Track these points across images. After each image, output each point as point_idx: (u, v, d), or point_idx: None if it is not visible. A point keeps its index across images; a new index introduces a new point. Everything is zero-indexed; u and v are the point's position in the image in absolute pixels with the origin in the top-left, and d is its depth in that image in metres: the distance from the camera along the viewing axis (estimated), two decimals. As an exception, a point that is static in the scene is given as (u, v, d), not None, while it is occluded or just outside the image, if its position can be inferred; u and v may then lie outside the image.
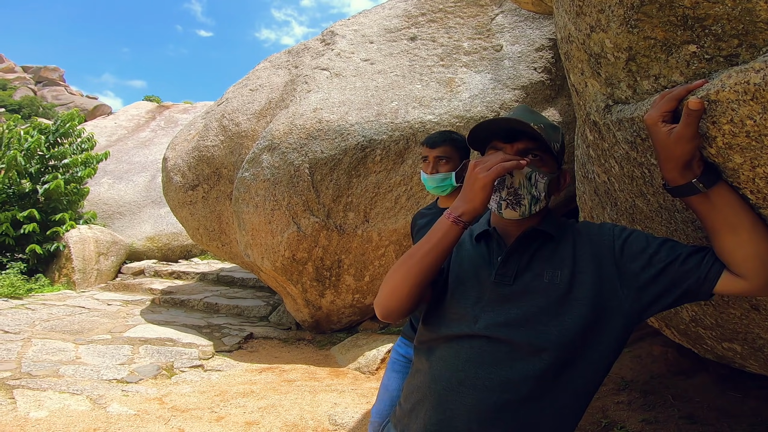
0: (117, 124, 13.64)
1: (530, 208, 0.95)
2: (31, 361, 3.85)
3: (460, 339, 0.93)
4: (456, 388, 0.89)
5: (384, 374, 1.88)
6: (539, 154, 0.96)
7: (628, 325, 0.90)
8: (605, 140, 1.23)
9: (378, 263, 4.54)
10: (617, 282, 0.88)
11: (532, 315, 0.89)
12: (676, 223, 1.11)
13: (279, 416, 2.95)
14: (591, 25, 0.92)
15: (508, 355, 0.88)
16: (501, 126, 0.96)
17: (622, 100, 1.02)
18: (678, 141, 0.76)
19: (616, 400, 2.71)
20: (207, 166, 5.44)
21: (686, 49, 0.76)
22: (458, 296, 0.98)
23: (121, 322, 5.49)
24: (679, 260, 0.85)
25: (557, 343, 0.86)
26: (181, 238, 10.00)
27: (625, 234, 0.92)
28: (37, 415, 2.79)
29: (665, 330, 2.10)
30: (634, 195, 1.28)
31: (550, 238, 0.96)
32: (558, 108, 4.15)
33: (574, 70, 1.23)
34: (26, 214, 7.66)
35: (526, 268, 0.94)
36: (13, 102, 39.71)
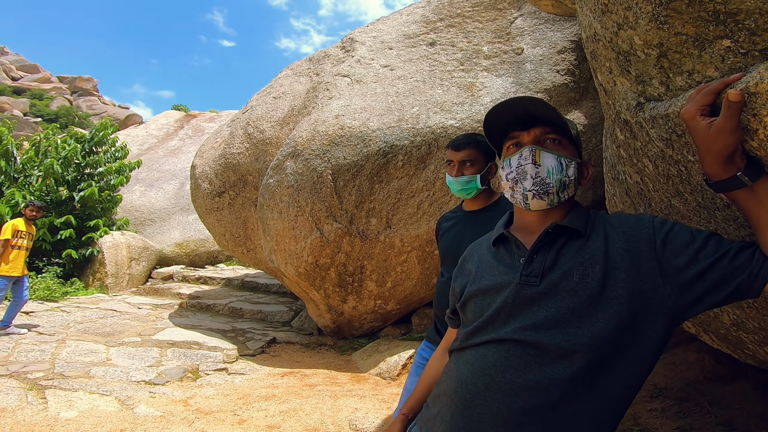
0: (148, 133, 14.17)
1: (558, 195, 0.92)
2: (64, 362, 4.00)
3: (488, 344, 0.90)
4: (482, 393, 0.86)
5: (407, 378, 1.86)
6: (558, 138, 0.93)
7: (672, 324, 0.84)
8: (638, 139, 1.19)
9: (400, 269, 4.52)
10: (659, 278, 0.82)
11: (561, 316, 0.84)
12: (717, 222, 1.05)
13: (300, 420, 2.95)
14: (618, 22, 0.89)
15: (536, 359, 0.84)
16: (515, 112, 0.93)
17: (654, 97, 0.98)
18: (719, 134, 0.73)
19: (649, 407, 2.60)
20: (233, 173, 5.56)
21: (720, 44, 0.73)
22: (485, 305, 0.95)
23: (150, 325, 5.65)
24: (729, 256, 0.80)
25: (589, 345, 0.82)
26: (208, 244, 10.25)
27: (667, 227, 0.86)
28: (67, 415, 2.89)
29: (702, 335, 2.01)
30: (670, 194, 1.23)
31: (577, 234, 0.92)
32: (583, 111, 4.05)
33: (602, 69, 1.19)
34: (63, 220, 8.01)
35: (553, 266, 0.89)
36: (50, 112, 41.71)
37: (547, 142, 0.93)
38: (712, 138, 0.74)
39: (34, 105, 42.67)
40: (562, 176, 0.92)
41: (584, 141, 4.03)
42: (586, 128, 4.00)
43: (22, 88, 45.26)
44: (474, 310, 0.98)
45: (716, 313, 1.61)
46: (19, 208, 7.53)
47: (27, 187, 8.19)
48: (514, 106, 0.93)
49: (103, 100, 49.12)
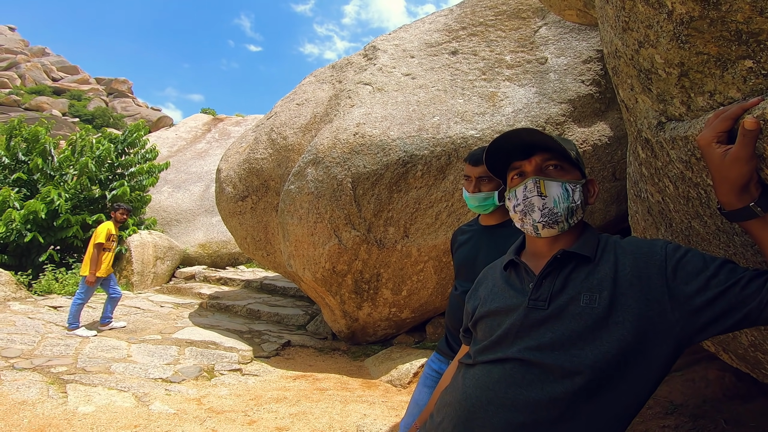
0: (177, 136, 14.61)
1: (568, 221, 0.94)
2: (86, 357, 4.13)
3: (495, 362, 0.93)
4: (485, 407, 0.89)
5: (415, 388, 1.85)
6: (559, 163, 0.95)
7: (678, 349, 0.84)
8: (658, 159, 1.15)
9: (416, 278, 4.49)
10: (668, 304, 0.82)
11: (566, 339, 0.86)
12: (735, 247, 1.01)
13: (308, 423, 2.96)
14: (639, 40, 0.86)
15: (539, 377, 0.86)
16: (514, 142, 0.95)
17: (675, 117, 0.95)
18: (734, 163, 0.71)
19: (662, 423, 2.52)
20: (256, 178, 5.67)
21: (742, 64, 0.69)
22: (495, 325, 0.98)
23: (171, 324, 5.78)
24: (740, 284, 0.79)
25: (592, 366, 0.83)
26: (230, 246, 10.45)
27: (680, 253, 0.85)
28: (84, 409, 2.97)
29: (722, 354, 1.96)
30: (690, 216, 1.19)
31: (586, 259, 0.92)
32: (609, 122, 3.95)
33: (623, 86, 1.16)
34: (95, 218, 8.31)
35: (561, 291, 0.90)
36: (87, 112, 43.50)
37: (549, 169, 0.95)
38: (727, 167, 0.72)
39: (73, 105, 44.60)
40: (569, 203, 0.93)
41: (609, 153, 3.93)
42: (611, 140, 3.89)
43: (61, 88, 47.44)
44: (484, 330, 1.01)
45: (735, 334, 1.57)
46: (54, 205, 7.86)
47: (62, 185, 8.55)
48: (511, 138, 0.96)
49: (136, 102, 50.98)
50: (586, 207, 0.97)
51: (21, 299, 6.37)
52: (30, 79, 46.26)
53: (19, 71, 46.76)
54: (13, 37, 51.22)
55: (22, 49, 50.87)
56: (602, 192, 4.04)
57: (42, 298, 6.66)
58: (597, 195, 1.00)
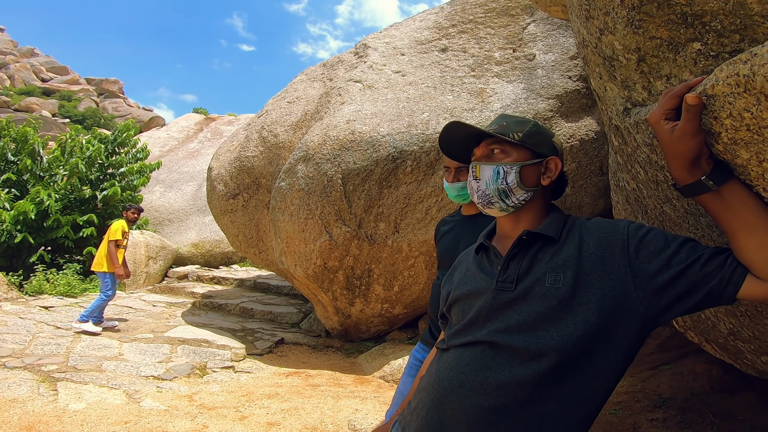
0: (169, 135, 14.54)
1: (504, 201, 0.97)
2: (78, 355, 4.12)
3: (467, 345, 0.94)
4: (456, 390, 0.90)
5: (401, 379, 1.87)
6: (501, 147, 0.99)
7: (644, 329, 0.85)
8: (628, 145, 1.19)
9: (407, 273, 4.52)
10: (631, 284, 0.83)
11: (532, 320, 0.87)
12: (702, 229, 1.04)
13: (300, 419, 2.98)
14: (600, 28, 0.90)
15: (507, 360, 0.87)
16: (461, 133, 1.04)
17: (639, 103, 0.99)
18: (681, 138, 0.74)
19: (651, 417, 2.55)
20: (247, 175, 5.67)
21: (691, 47, 0.73)
22: (466, 309, 0.99)
23: (163, 323, 5.77)
24: (701, 261, 0.80)
25: (557, 348, 0.84)
26: (223, 245, 10.43)
27: (642, 232, 0.86)
28: (75, 406, 2.98)
29: (705, 345, 1.99)
30: (661, 201, 1.22)
31: (551, 240, 0.93)
32: (595, 117, 4.00)
33: (593, 75, 1.20)
34: (86, 218, 8.26)
35: (528, 272, 0.92)
36: (78, 113, 43.01)
37: (495, 153, 0.99)
38: (676, 142, 0.75)
39: (63, 106, 44.06)
40: (498, 185, 0.97)
41: (596, 148, 3.98)
42: (598, 135, 3.95)
43: (51, 89, 46.86)
44: (457, 314, 1.03)
45: (714, 322, 1.59)
46: (44, 206, 7.80)
47: (52, 186, 8.48)
48: (455, 131, 1.04)
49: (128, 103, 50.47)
50: (536, 187, 0.99)
51: (12, 300, 6.32)
52: (19, 80, 45.69)
53: (8, 72, 46.16)
54: (2, 38, 50.52)
55: (11, 49, 50.19)
56: (590, 186, 4.09)
57: (33, 299, 6.61)
58: (557, 172, 1.00)
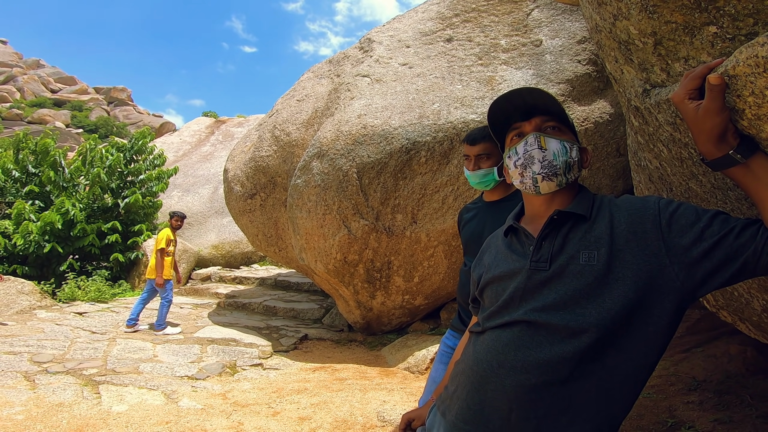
0: (182, 140, 14.77)
1: (565, 176, 0.96)
2: (115, 358, 4.29)
3: (503, 326, 0.95)
4: (496, 371, 0.91)
5: (432, 366, 1.90)
6: (557, 125, 0.98)
7: (682, 304, 0.85)
8: (649, 125, 1.19)
9: (427, 264, 4.55)
10: (666, 258, 0.83)
11: (569, 298, 0.87)
12: (731, 202, 1.04)
13: (330, 412, 3.06)
14: (613, 13, 0.90)
15: (546, 338, 0.88)
16: (516, 104, 0.98)
17: (658, 84, 0.99)
18: (706, 115, 0.76)
19: (686, 399, 2.53)
20: (263, 175, 5.75)
21: (707, 30, 0.74)
22: (500, 291, 1.00)
23: (191, 324, 5.94)
24: (734, 233, 0.80)
25: (597, 324, 0.84)
26: (242, 245, 10.62)
27: (673, 207, 0.87)
28: (118, 408, 3.11)
29: (739, 324, 1.96)
30: (686, 177, 1.22)
31: (582, 218, 0.94)
32: (608, 99, 3.93)
33: (608, 59, 1.20)
34: (110, 225, 8.51)
35: (561, 251, 0.92)
36: (90, 122, 43.72)
37: (548, 129, 0.98)
38: (701, 119, 0.77)
39: (75, 116, 44.83)
40: (567, 157, 0.96)
41: (611, 130, 3.92)
42: (612, 117, 3.88)
43: (61, 100, 47.71)
44: (490, 296, 1.03)
45: (747, 299, 1.57)
46: (69, 216, 8.06)
47: (75, 195, 8.74)
48: (513, 99, 0.98)
49: (137, 110, 51.11)
50: (581, 169, 1.00)
51: (47, 307, 6.58)
52: (29, 92, 46.60)
53: (17, 84, 47.07)
54: (6, 51, 51.46)
55: (16, 62, 51.14)
56: (607, 168, 4.04)
57: (67, 305, 6.87)
58: (590, 162, 1.03)
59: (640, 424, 2.42)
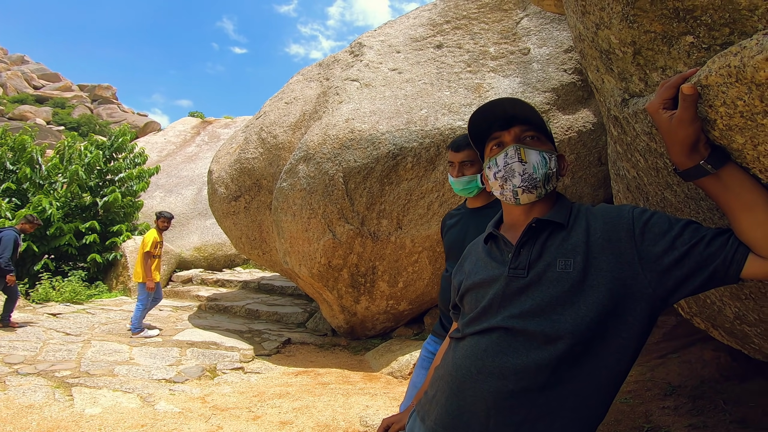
0: (166, 140, 14.55)
1: (545, 187, 0.97)
2: (89, 361, 4.17)
3: (482, 332, 0.96)
4: (475, 377, 0.91)
5: (413, 372, 1.91)
6: (536, 134, 0.99)
7: (654, 311, 0.87)
8: (627, 134, 1.22)
9: (411, 269, 4.56)
10: (638, 266, 0.85)
11: (546, 305, 0.89)
12: (703, 212, 1.08)
13: (312, 417, 3.03)
14: (596, 23, 0.93)
15: (523, 345, 0.89)
16: (495, 114, 1.00)
17: (636, 93, 1.02)
18: (679, 125, 0.78)
19: (662, 405, 2.58)
20: (248, 177, 5.70)
21: (684, 40, 0.77)
22: (479, 297, 1.01)
23: (171, 326, 5.82)
24: (704, 242, 0.82)
25: (572, 331, 0.86)
26: (225, 248, 10.48)
27: (646, 216, 0.89)
28: (91, 411, 3.02)
29: (712, 331, 2.01)
30: (662, 187, 1.26)
31: (560, 226, 0.95)
32: (592, 109, 4.03)
33: (590, 68, 1.23)
34: (88, 225, 8.30)
35: (539, 258, 0.94)
36: (72, 120, 42.65)
37: (527, 139, 0.99)
38: (674, 129, 0.78)
39: (57, 113, 43.81)
40: (547, 169, 0.97)
41: (594, 139, 4.01)
42: (595, 126, 3.98)
43: (44, 96, 46.57)
44: (470, 303, 1.04)
45: (719, 306, 1.61)
46: (46, 214, 7.84)
47: (52, 194, 8.51)
48: (494, 108, 0.99)
49: (122, 108, 50.15)
50: (560, 178, 1.02)
51: (19, 308, 6.36)
52: (12, 88, 45.40)
53: (0, 80, 45.91)
54: (-9, 47, 50.18)
55: (0, 57, 49.87)
56: (589, 176, 4.13)
57: (40, 306, 6.66)
58: (567, 169, 1.05)
59: (617, 429, 2.46)
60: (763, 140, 0.71)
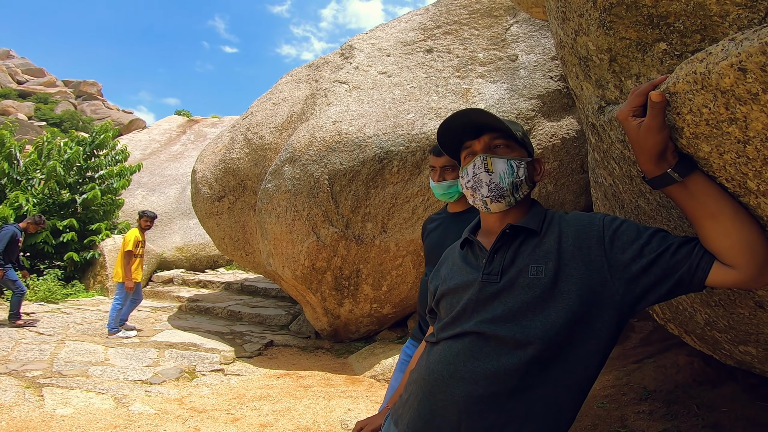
0: (151, 138, 14.31)
1: (513, 195, 0.99)
2: (62, 361, 4.05)
3: (456, 337, 0.97)
4: (446, 381, 0.92)
5: (392, 375, 1.91)
6: (506, 142, 1.01)
7: (622, 318, 0.88)
8: (603, 142, 1.25)
9: (395, 273, 4.57)
10: (607, 273, 0.87)
11: (517, 310, 0.90)
12: (674, 221, 1.10)
13: (292, 419, 2.99)
14: (575, 29, 0.95)
15: (494, 350, 0.89)
16: (465, 123, 1.01)
17: (612, 101, 1.04)
18: (647, 133, 0.79)
19: (637, 409, 2.62)
20: (233, 177, 5.65)
21: (658, 47, 0.79)
22: (454, 302, 1.02)
23: (149, 327, 5.70)
24: (671, 250, 0.84)
25: (542, 337, 0.87)
26: (208, 248, 10.32)
27: (616, 224, 0.90)
28: (62, 412, 2.94)
29: (685, 336, 2.05)
30: (635, 195, 1.28)
31: (533, 233, 0.98)
32: (576, 116, 4.11)
33: (570, 75, 1.26)
34: (66, 223, 8.09)
35: (512, 264, 0.95)
36: (55, 116, 41.76)
37: (497, 147, 1.01)
38: (642, 137, 0.80)
39: (39, 109, 42.86)
40: (514, 178, 0.99)
41: (577, 146, 4.09)
42: (578, 134, 4.06)
43: (27, 91, 45.49)
44: (446, 308, 1.05)
45: (691, 312, 1.65)
46: (22, 211, 7.62)
47: (30, 190, 8.28)
48: (461, 118, 1.01)
49: (107, 105, 49.25)
50: (532, 184, 1.04)
51: (-11, 308, 6.16)
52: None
53: (-17, 74, 44.66)
54: (-26, 40, 48.87)
55: (-15, 52, 48.58)
56: (572, 183, 4.21)
57: (12, 307, 6.44)
58: (543, 173, 1.06)
59: (594, 433, 2.49)
60: (729, 149, 0.73)
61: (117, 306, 5.23)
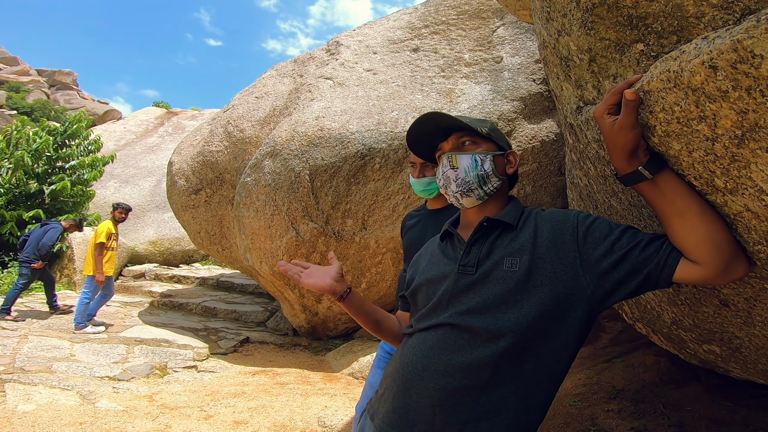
0: (126, 129, 13.89)
1: (482, 188, 1.02)
2: (25, 356, 3.89)
3: (430, 329, 0.97)
4: (421, 374, 0.92)
5: (370, 371, 1.90)
6: (472, 139, 1.04)
7: (592, 312, 0.90)
8: (580, 141, 1.28)
9: (375, 270, 4.56)
10: (579, 268, 0.89)
11: (491, 302, 0.91)
12: (644, 219, 1.14)
13: (268, 417, 2.95)
14: (558, 29, 0.97)
15: (468, 342, 0.90)
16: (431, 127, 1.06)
17: (590, 101, 1.07)
18: (620, 130, 0.81)
19: (606, 408, 2.70)
20: (211, 170, 5.53)
21: (635, 48, 0.81)
22: (431, 293, 1.02)
23: (118, 323, 5.53)
24: (640, 246, 0.86)
25: (514, 329, 0.87)
26: (183, 243, 10.09)
27: (589, 221, 0.93)
28: (24, 408, 2.82)
29: (652, 336, 2.10)
30: (609, 195, 1.31)
31: (509, 227, 0.98)
32: (556, 120, 4.20)
33: (552, 75, 1.28)
34: (32, 214, 7.77)
35: (488, 256, 0.96)
36: (26, 104, 40.24)
37: (465, 144, 1.04)
38: (616, 134, 0.82)
39: (11, 97, 41.19)
40: (478, 171, 1.01)
41: (555, 149, 4.18)
42: (557, 137, 4.14)
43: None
44: (422, 299, 1.05)
45: (658, 312, 1.70)
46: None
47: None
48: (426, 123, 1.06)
49: (82, 95, 47.63)
50: (504, 177, 1.06)
51: (-53, 301, 5.85)
52: (-35, 71, 42.15)
53: (-47, 62, 42.48)
54: (-54, 29, 46.54)
55: (-44, 40, 46.28)
56: (549, 186, 4.29)
57: (-28, 300, 6.14)
58: (516, 165, 1.09)
59: None
60: (698, 146, 0.75)
61: (85, 300, 5.06)
